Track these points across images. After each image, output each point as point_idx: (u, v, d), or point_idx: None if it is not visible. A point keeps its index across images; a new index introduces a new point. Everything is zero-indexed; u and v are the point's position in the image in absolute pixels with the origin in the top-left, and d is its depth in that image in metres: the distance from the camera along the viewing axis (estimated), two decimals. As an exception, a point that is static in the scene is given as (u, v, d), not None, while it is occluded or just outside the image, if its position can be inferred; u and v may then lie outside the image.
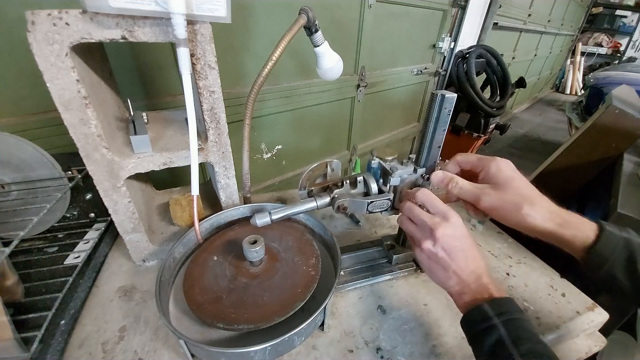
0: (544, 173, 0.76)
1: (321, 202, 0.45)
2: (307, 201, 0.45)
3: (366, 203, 0.45)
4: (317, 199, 0.45)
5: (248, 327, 0.40)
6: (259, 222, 0.43)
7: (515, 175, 0.40)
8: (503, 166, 0.40)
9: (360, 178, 0.47)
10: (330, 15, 1.23)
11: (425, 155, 0.47)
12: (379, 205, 0.46)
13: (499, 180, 0.39)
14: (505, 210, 0.39)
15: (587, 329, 0.51)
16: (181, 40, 0.37)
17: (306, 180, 0.48)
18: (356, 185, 0.47)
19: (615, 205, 0.53)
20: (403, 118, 2.09)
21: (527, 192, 0.38)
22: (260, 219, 0.43)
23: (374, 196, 0.46)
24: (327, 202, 0.46)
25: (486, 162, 0.41)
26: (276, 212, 0.44)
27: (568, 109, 2.54)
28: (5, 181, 0.53)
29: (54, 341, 0.41)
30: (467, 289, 0.37)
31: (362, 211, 0.46)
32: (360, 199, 0.45)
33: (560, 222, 0.37)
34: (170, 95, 0.94)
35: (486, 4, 2.19)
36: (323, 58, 0.57)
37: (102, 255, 0.57)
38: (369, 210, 0.46)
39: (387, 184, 0.46)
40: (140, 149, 0.47)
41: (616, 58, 5.64)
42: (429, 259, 0.39)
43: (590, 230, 0.37)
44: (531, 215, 0.37)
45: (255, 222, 0.43)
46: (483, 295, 0.35)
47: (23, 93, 0.70)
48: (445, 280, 0.38)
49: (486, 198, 0.39)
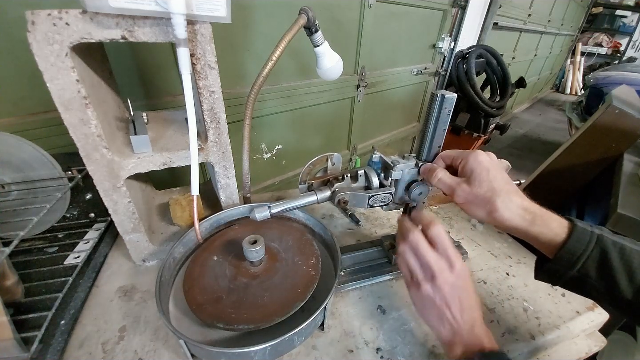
0: (544, 173, 0.76)
1: (321, 196, 0.44)
2: (307, 195, 0.45)
3: (367, 197, 0.45)
4: (317, 193, 0.44)
5: (248, 327, 0.40)
6: (258, 216, 0.42)
7: (490, 167, 0.38)
8: (480, 159, 0.38)
9: (361, 171, 0.46)
10: (330, 15, 1.23)
11: (426, 155, 0.47)
12: (380, 199, 0.46)
13: (474, 174, 0.38)
14: (477, 205, 0.37)
15: (587, 329, 0.51)
16: (181, 40, 0.37)
17: (306, 174, 0.47)
18: (357, 179, 0.46)
19: (615, 205, 0.53)
20: (403, 118, 2.09)
21: (499, 185, 0.37)
22: (260, 212, 0.42)
23: (375, 190, 0.45)
24: (327, 196, 0.45)
25: (465, 155, 0.40)
26: (276, 206, 0.43)
27: (568, 109, 2.54)
28: (5, 181, 0.53)
29: (54, 341, 0.41)
30: (459, 338, 0.35)
31: (363, 205, 0.45)
32: (362, 192, 0.45)
33: (531, 218, 0.36)
34: (170, 95, 0.94)
35: (486, 4, 2.19)
36: (323, 58, 0.57)
37: (102, 255, 0.57)
38: (370, 205, 0.45)
39: (388, 178, 0.46)
40: (140, 149, 0.47)
41: (616, 58, 5.64)
42: (423, 301, 0.37)
43: (561, 228, 0.35)
44: (499, 211, 0.36)
45: (255, 216, 0.42)
46: (474, 349, 0.34)
47: (23, 93, 0.70)
48: (438, 326, 0.37)
49: (460, 192, 0.38)
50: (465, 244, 0.65)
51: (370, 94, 1.64)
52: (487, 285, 0.56)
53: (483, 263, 0.61)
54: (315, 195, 0.44)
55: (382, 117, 1.86)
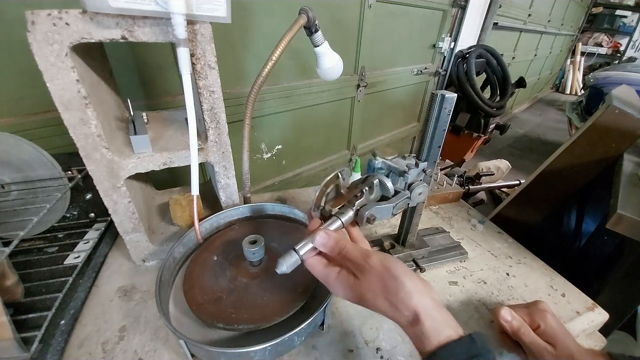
0: (544, 173, 0.76)
1: (346, 219, 0.40)
2: (330, 223, 0.39)
3: (391, 207, 0.42)
4: (341, 217, 0.40)
5: (248, 327, 0.40)
6: (287, 265, 0.36)
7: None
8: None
9: (375, 181, 0.43)
10: (330, 15, 1.23)
11: (426, 155, 0.47)
12: (402, 206, 0.44)
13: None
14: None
15: (587, 329, 0.51)
16: (181, 40, 0.37)
17: (321, 198, 0.42)
18: (374, 190, 0.43)
19: (615, 205, 0.53)
20: (403, 118, 2.09)
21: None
22: (287, 260, 0.36)
23: (395, 199, 0.43)
24: (351, 217, 0.40)
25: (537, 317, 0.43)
26: (302, 247, 0.37)
27: (568, 109, 2.54)
28: (5, 181, 0.53)
29: (54, 341, 0.41)
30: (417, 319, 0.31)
31: (388, 216, 0.42)
32: (385, 204, 0.42)
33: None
34: (170, 95, 0.94)
35: (486, 4, 2.19)
36: (323, 58, 0.57)
37: (102, 255, 0.57)
38: (394, 214, 0.43)
39: (396, 182, 0.44)
40: (140, 149, 0.47)
41: (616, 58, 5.65)
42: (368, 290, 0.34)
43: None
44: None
45: (283, 268, 0.36)
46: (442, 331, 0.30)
47: (23, 93, 0.70)
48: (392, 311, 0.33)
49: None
50: (465, 244, 0.65)
51: (370, 94, 1.64)
52: (487, 286, 0.56)
53: (483, 263, 0.61)
54: (340, 220, 0.40)
55: (382, 117, 1.86)
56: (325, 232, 0.36)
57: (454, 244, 0.63)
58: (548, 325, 0.41)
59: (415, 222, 0.55)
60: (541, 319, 0.42)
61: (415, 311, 0.31)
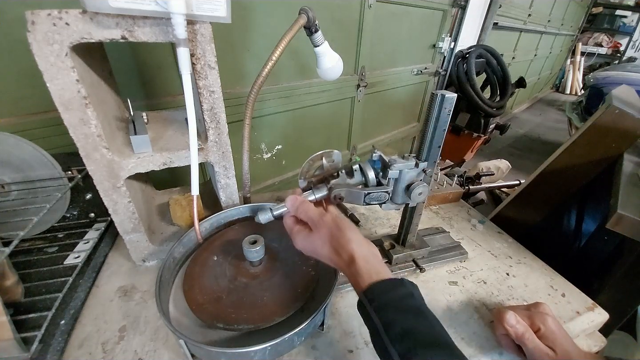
0: (544, 173, 0.76)
1: (319, 195, 0.45)
2: (305, 195, 0.46)
3: (363, 194, 0.45)
4: (315, 192, 0.46)
5: (248, 327, 0.40)
6: (262, 218, 0.45)
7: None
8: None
9: (356, 166, 0.46)
10: (330, 15, 1.23)
11: (426, 155, 0.47)
12: (376, 197, 0.46)
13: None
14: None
15: (587, 329, 0.51)
16: (181, 40, 0.37)
17: (306, 170, 0.48)
18: (353, 175, 0.46)
19: (615, 205, 0.53)
20: (403, 118, 2.09)
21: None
22: (263, 215, 0.45)
23: (371, 188, 0.46)
24: (325, 194, 0.46)
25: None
26: (277, 209, 0.45)
27: (568, 109, 2.54)
28: (5, 181, 0.53)
29: (54, 341, 0.41)
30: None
31: (360, 202, 0.46)
32: (357, 189, 0.45)
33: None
34: (170, 95, 0.94)
35: (486, 4, 2.19)
36: (323, 58, 0.57)
37: (102, 255, 0.57)
38: (366, 202, 0.46)
39: (386, 177, 0.45)
40: (140, 149, 0.47)
41: (616, 58, 5.64)
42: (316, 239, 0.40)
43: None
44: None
45: (259, 219, 0.45)
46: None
47: (23, 93, 0.70)
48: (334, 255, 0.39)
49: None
50: (465, 244, 0.65)
51: (370, 93, 1.64)
52: (487, 285, 0.56)
53: (483, 263, 0.61)
54: (313, 195, 0.45)
55: (382, 117, 1.86)
56: (294, 196, 0.44)
57: (454, 244, 0.63)
58: (548, 329, 0.41)
59: (415, 222, 0.55)
60: (541, 322, 0.42)
61: (351, 254, 0.37)
